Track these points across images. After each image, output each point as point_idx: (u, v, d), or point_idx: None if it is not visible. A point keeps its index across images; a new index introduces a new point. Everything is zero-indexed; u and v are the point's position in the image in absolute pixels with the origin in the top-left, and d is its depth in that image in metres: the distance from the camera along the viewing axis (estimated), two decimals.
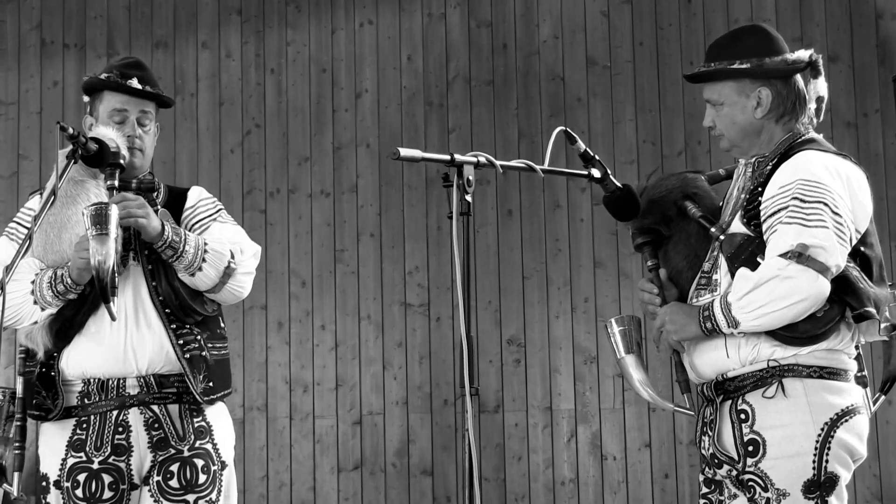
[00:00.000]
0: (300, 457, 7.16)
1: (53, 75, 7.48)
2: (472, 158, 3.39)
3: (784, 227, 3.38)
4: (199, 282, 4.04)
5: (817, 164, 3.46)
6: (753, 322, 3.39)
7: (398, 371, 7.13)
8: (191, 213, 4.21)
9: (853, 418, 3.43)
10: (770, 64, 3.59)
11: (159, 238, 3.97)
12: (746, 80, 3.60)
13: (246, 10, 7.52)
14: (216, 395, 4.11)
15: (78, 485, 4.03)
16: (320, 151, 7.35)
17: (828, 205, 3.39)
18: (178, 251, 3.98)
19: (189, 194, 4.27)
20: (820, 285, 3.33)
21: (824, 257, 3.34)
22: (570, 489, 6.95)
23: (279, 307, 7.26)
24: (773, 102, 3.60)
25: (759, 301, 3.36)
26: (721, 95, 3.64)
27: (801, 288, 3.33)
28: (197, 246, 4.01)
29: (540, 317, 7.06)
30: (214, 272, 4.03)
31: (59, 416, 4.07)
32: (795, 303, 3.35)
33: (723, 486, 3.56)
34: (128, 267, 4.07)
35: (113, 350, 4.04)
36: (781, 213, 3.41)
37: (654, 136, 7.09)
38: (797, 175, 3.44)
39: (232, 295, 4.13)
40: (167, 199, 4.24)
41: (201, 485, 4.02)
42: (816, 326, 3.41)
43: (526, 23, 7.28)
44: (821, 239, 3.34)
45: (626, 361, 3.74)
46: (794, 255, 3.33)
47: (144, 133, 4.18)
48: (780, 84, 3.60)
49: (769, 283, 3.35)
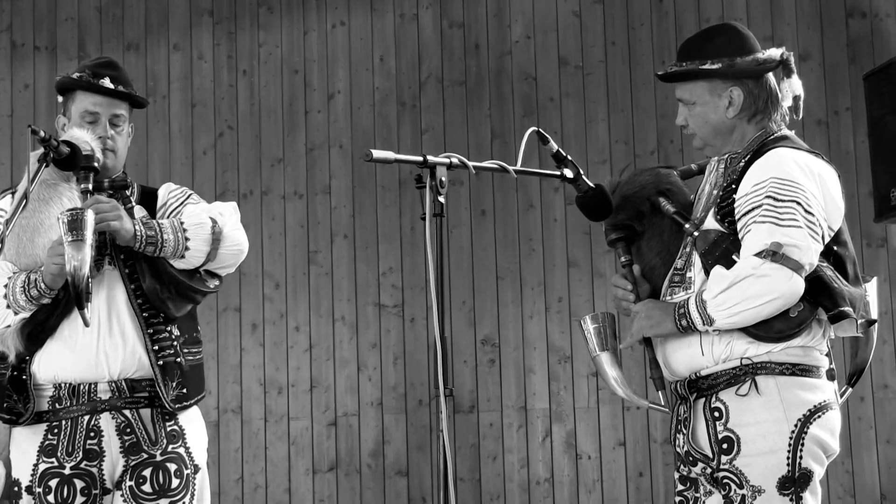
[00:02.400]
0: (275, 458, 7.15)
1: (24, 78, 7.45)
2: (445, 160, 3.39)
3: (757, 227, 3.39)
4: (193, 258, 4.01)
5: (790, 162, 3.47)
6: (728, 320, 3.40)
7: (373, 372, 7.13)
8: (163, 210, 4.19)
9: (825, 414, 3.45)
10: (741, 63, 3.60)
11: (133, 240, 3.95)
12: (718, 79, 3.61)
13: (217, 12, 7.50)
14: (189, 401, 4.07)
15: (50, 490, 4.01)
16: (293, 153, 7.34)
17: (801, 203, 3.40)
18: (158, 244, 3.96)
19: (159, 192, 4.25)
20: (794, 283, 3.35)
21: (798, 255, 3.35)
22: (546, 488, 6.96)
23: (253, 309, 7.25)
24: (745, 102, 3.61)
25: (734, 299, 3.38)
26: (693, 95, 3.64)
27: (775, 286, 3.34)
28: (175, 229, 3.98)
29: (514, 317, 7.07)
30: (202, 244, 4.00)
31: (30, 421, 4.05)
32: (770, 301, 3.36)
33: (698, 483, 3.57)
34: (102, 271, 4.05)
35: (84, 355, 4.01)
36: (755, 211, 3.42)
37: (626, 136, 7.11)
38: (770, 173, 3.45)
39: (231, 255, 4.09)
40: (139, 200, 4.21)
41: (174, 489, 4.01)
42: (790, 326, 3.42)
43: (498, 23, 7.29)
44: (794, 238, 3.36)
45: (601, 359, 3.75)
46: (769, 254, 3.34)
47: (117, 134, 4.15)
48: (751, 83, 3.62)
49: (744, 281, 3.36)
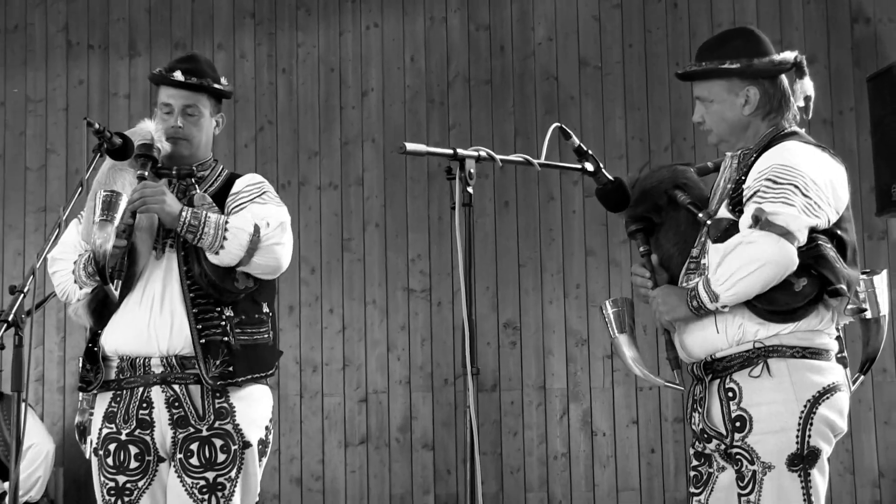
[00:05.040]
0: (310, 432, 7.16)
1: (79, 74, 7.46)
2: (474, 153, 3.39)
3: (752, 206, 3.38)
4: (225, 258, 3.97)
5: (794, 151, 3.46)
6: (730, 291, 3.38)
7: (401, 352, 7.13)
8: (233, 199, 4.17)
9: (834, 395, 3.43)
10: (758, 65, 3.58)
11: (175, 223, 3.95)
12: (736, 79, 3.59)
13: (259, 14, 7.51)
14: (235, 379, 4.02)
15: (109, 454, 4.05)
16: (329, 146, 7.34)
17: (798, 186, 3.38)
18: (197, 233, 3.95)
19: (238, 181, 4.23)
20: (782, 247, 3.31)
21: (783, 220, 3.32)
22: (563, 463, 6.95)
23: (290, 292, 7.26)
24: (761, 100, 3.59)
25: (730, 270, 3.36)
26: (711, 93, 3.63)
27: (764, 251, 3.32)
28: (217, 226, 3.95)
29: (534, 302, 7.06)
30: (236, 248, 3.95)
31: (100, 389, 4.09)
32: (761, 266, 3.32)
33: (712, 459, 3.56)
34: (163, 254, 4.06)
35: (138, 331, 4.03)
36: (755, 195, 3.40)
37: (642, 133, 7.08)
38: (773, 160, 3.44)
39: (266, 267, 4.03)
40: (222, 185, 4.21)
41: (221, 463, 4.00)
42: (795, 299, 3.39)
43: (522, 26, 7.27)
44: (781, 211, 3.33)
45: (620, 340, 3.74)
46: (755, 221, 3.32)
47: (192, 123, 4.15)
48: (767, 83, 3.60)
49: (735, 251, 3.35)
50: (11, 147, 7.57)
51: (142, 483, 4.03)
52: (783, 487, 3.36)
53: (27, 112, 7.58)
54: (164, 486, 4.04)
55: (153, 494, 4.04)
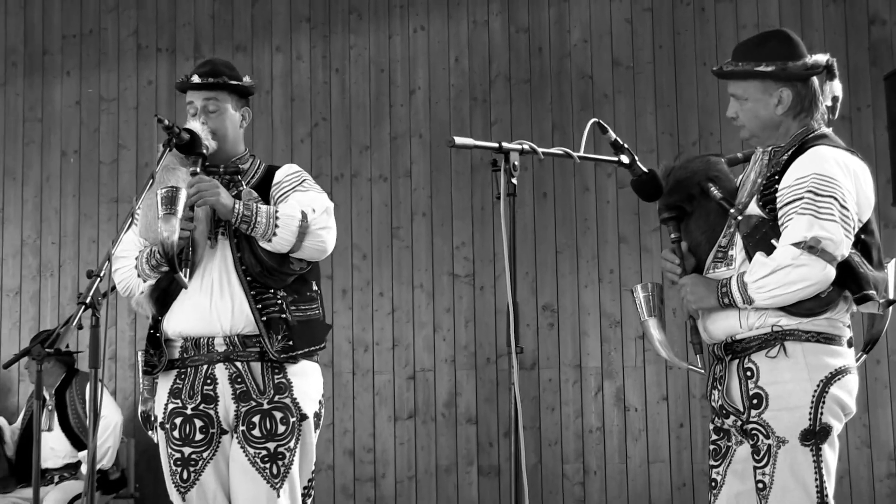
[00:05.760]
0: (361, 407, 7.19)
1: (148, 75, 7.51)
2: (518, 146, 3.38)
3: (798, 217, 3.36)
4: (278, 245, 3.98)
5: (830, 161, 3.43)
6: (766, 301, 3.38)
7: (447, 333, 7.15)
8: (276, 189, 4.19)
9: (845, 377, 3.42)
10: (792, 68, 3.54)
11: (231, 214, 3.97)
12: (770, 80, 3.56)
13: (314, 18, 7.53)
14: (296, 352, 4.06)
15: (175, 427, 4.05)
16: (379, 141, 7.36)
17: (837, 199, 3.36)
18: (251, 223, 3.96)
19: (278, 172, 4.24)
20: (827, 273, 3.33)
21: (832, 249, 3.32)
22: (597, 437, 6.96)
23: (343, 277, 7.28)
24: (793, 101, 3.56)
25: (774, 284, 3.35)
26: (746, 92, 3.59)
27: (811, 275, 3.32)
28: (268, 215, 3.96)
29: (571, 286, 7.06)
30: (288, 234, 3.96)
31: (164, 369, 4.11)
32: (804, 287, 3.33)
33: (730, 434, 3.55)
34: (218, 241, 4.09)
35: (201, 313, 4.04)
36: (796, 203, 3.38)
37: (671, 128, 7.07)
38: (812, 169, 3.41)
39: (315, 251, 4.04)
40: (262, 177, 4.22)
41: (281, 434, 4.00)
42: (820, 305, 3.39)
43: (559, 28, 7.27)
44: (830, 232, 3.32)
45: (649, 323, 3.72)
46: (807, 247, 3.32)
47: (216, 118, 4.14)
48: (800, 85, 3.56)
49: (784, 269, 3.34)
50: (86, 143, 7.64)
51: (206, 454, 4.04)
52: (796, 461, 3.36)
53: (101, 110, 7.64)
54: (227, 457, 4.05)
55: (216, 464, 4.05)
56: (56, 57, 7.74)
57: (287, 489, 4.03)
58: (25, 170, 7.68)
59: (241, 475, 4.00)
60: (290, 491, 4.04)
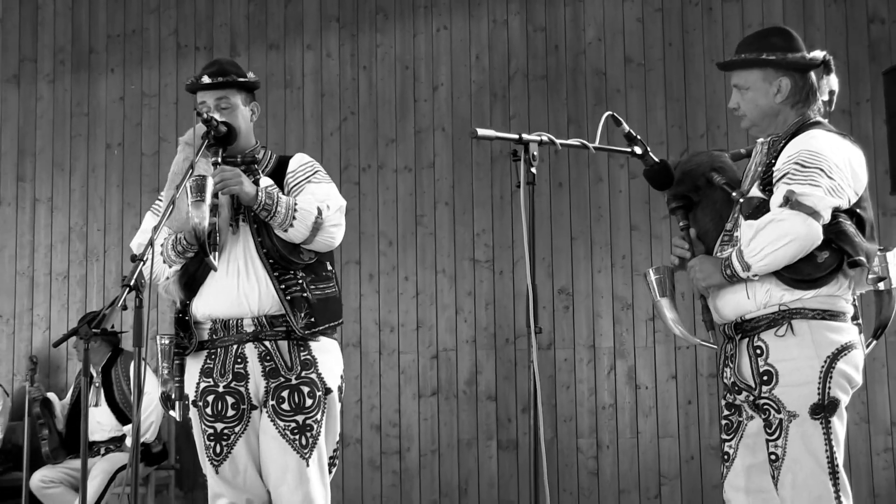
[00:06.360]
0: (387, 385, 7.20)
1: (187, 72, 7.52)
2: (537, 137, 3.38)
3: (783, 186, 3.37)
4: (293, 235, 4.01)
5: (819, 138, 3.43)
6: (761, 262, 3.36)
7: (468, 315, 7.16)
8: (291, 178, 4.19)
9: (850, 352, 3.42)
10: (792, 59, 3.55)
11: (253, 202, 3.97)
12: (770, 69, 3.56)
13: (343, 18, 7.53)
14: (318, 328, 4.08)
15: (208, 404, 4.06)
16: (404, 134, 7.36)
17: (823, 170, 3.35)
18: (271, 212, 3.97)
19: (291, 161, 4.24)
20: (809, 226, 3.30)
21: (811, 202, 3.30)
22: (610, 413, 6.96)
23: (370, 262, 7.30)
24: (791, 91, 3.56)
25: (761, 244, 3.34)
26: (747, 81, 3.60)
27: (793, 228, 3.30)
28: (288, 206, 3.98)
29: (585, 271, 7.06)
30: (304, 227, 3.99)
31: (194, 350, 4.13)
32: (790, 241, 3.30)
33: (741, 409, 3.55)
34: (240, 227, 4.10)
35: (229, 296, 4.05)
36: (785, 176, 3.39)
37: (680, 122, 7.05)
38: (801, 146, 3.42)
39: (324, 244, 4.07)
40: (275, 167, 4.23)
41: (308, 407, 4.02)
42: (818, 269, 3.37)
43: (574, 27, 7.25)
44: (809, 192, 3.32)
45: (662, 303, 3.73)
46: (785, 202, 3.31)
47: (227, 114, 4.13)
48: (798, 76, 3.57)
49: (766, 227, 3.33)
50: (129, 136, 7.67)
51: (238, 429, 4.05)
52: (807, 433, 3.35)
53: (143, 105, 7.67)
54: (257, 431, 4.07)
55: (247, 438, 4.06)
56: (101, 55, 7.76)
57: (315, 458, 4.04)
58: (73, 161, 7.72)
59: (272, 447, 4.02)
60: (319, 460, 4.06)
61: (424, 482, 7.09)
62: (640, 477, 6.87)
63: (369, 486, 7.14)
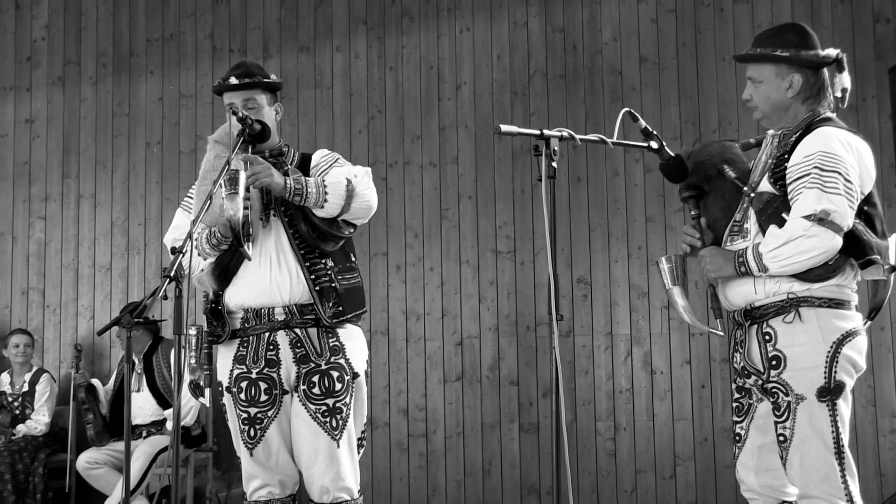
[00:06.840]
0: (414, 370, 7.21)
1: (222, 73, 7.51)
2: (557, 133, 3.39)
3: (807, 192, 3.34)
4: (331, 209, 4.01)
5: (834, 139, 3.41)
6: (780, 269, 3.37)
7: (490, 304, 7.16)
8: (315, 171, 4.20)
9: (855, 338, 3.41)
10: (805, 56, 3.53)
11: (284, 191, 3.98)
12: (784, 65, 3.54)
13: (370, 21, 7.54)
14: (345, 317, 4.10)
15: (241, 390, 4.09)
16: (429, 131, 7.37)
17: (841, 174, 3.35)
18: (303, 195, 3.98)
19: (314, 156, 4.26)
20: (835, 243, 3.31)
21: (840, 220, 3.30)
22: (626, 397, 6.95)
23: (397, 253, 7.31)
24: (803, 87, 3.54)
25: (787, 254, 3.34)
26: (761, 75, 3.58)
27: (821, 245, 3.30)
28: (317, 185, 3.99)
29: (602, 261, 7.05)
30: (338, 198, 4.00)
31: (228, 339, 4.14)
32: (815, 255, 3.32)
33: (751, 392, 3.55)
34: (269, 221, 4.12)
35: (261, 286, 4.07)
36: (804, 178, 3.36)
37: (693, 118, 7.03)
38: (818, 147, 3.39)
39: (362, 209, 4.07)
40: (299, 163, 4.23)
41: (338, 391, 4.05)
42: (828, 271, 3.38)
43: (591, 28, 7.24)
44: (836, 205, 3.30)
45: (673, 291, 3.72)
46: (817, 219, 3.30)
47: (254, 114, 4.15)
48: (810, 73, 3.54)
49: (796, 240, 3.32)
50: (168, 134, 7.70)
51: (270, 413, 4.07)
52: (814, 415, 3.35)
53: (180, 106, 7.70)
54: (288, 415, 4.09)
55: (279, 422, 4.08)
56: (141, 58, 7.80)
57: (345, 440, 4.06)
58: (115, 159, 7.76)
59: (304, 429, 4.05)
60: (348, 441, 4.08)
61: (450, 463, 7.11)
62: (656, 458, 6.86)
63: (397, 468, 7.16)
